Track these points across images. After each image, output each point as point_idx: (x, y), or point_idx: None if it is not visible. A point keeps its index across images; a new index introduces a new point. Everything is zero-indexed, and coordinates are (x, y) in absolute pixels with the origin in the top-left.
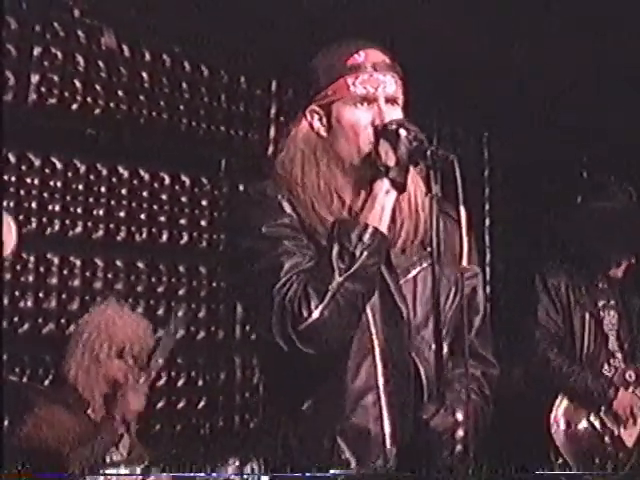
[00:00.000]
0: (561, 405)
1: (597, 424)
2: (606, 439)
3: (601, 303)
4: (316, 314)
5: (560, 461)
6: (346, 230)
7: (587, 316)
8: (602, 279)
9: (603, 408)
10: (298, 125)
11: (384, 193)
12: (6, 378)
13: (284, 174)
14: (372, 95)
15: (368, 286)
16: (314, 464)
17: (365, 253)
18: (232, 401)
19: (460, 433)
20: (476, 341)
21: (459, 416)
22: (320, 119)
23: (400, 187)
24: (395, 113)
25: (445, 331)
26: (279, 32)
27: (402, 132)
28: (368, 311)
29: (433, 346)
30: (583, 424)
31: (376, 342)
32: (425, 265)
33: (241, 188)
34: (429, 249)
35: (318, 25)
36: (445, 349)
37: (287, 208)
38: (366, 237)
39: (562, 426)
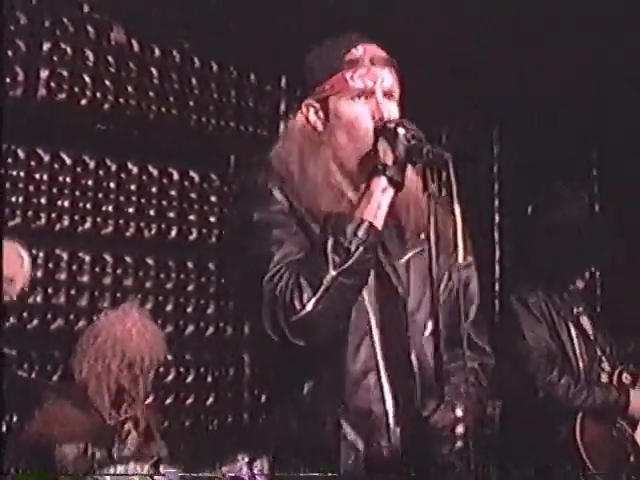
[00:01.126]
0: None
1: (615, 432)
2: (628, 447)
3: (575, 310)
4: (309, 307)
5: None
6: (341, 224)
7: (571, 326)
8: (570, 289)
9: (619, 417)
10: (294, 118)
11: (381, 191)
12: (15, 373)
13: (279, 166)
14: (370, 89)
15: (361, 280)
16: (318, 448)
17: (360, 248)
18: (241, 397)
19: (460, 429)
20: (472, 331)
21: (459, 412)
22: (316, 112)
23: (397, 185)
24: (392, 107)
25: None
26: (289, 27)
27: (400, 131)
28: (364, 292)
29: (426, 332)
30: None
31: (373, 322)
32: (418, 250)
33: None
34: (422, 236)
35: (327, 21)
36: (442, 338)
37: (278, 196)
38: (361, 232)
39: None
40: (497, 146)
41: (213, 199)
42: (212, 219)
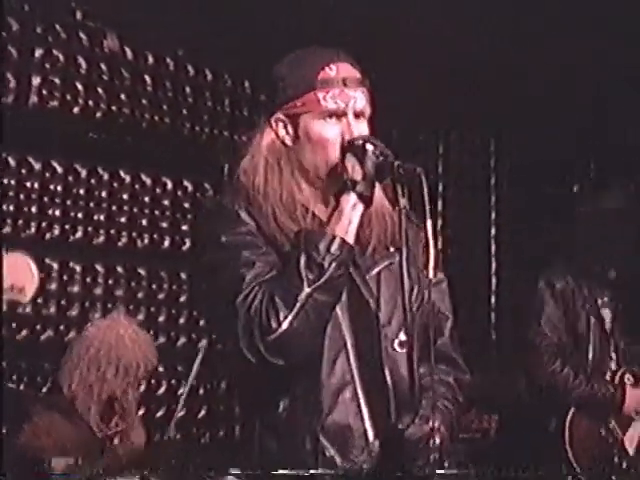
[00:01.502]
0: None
1: (603, 432)
2: (615, 448)
3: (600, 301)
4: (285, 325)
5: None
6: (313, 240)
7: (592, 319)
8: (600, 278)
9: (612, 415)
10: (262, 133)
11: (351, 207)
12: (4, 385)
13: (245, 181)
14: (342, 110)
15: (335, 297)
16: (297, 466)
17: (333, 264)
18: (233, 410)
19: (436, 441)
20: (448, 346)
21: (434, 424)
22: (285, 127)
23: (367, 201)
24: (362, 127)
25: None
26: (284, 36)
27: (369, 147)
28: (337, 307)
29: (397, 345)
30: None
31: (347, 336)
32: (387, 263)
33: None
34: (392, 249)
35: (322, 28)
36: (415, 352)
37: (245, 217)
38: (334, 248)
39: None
40: (494, 156)
41: None
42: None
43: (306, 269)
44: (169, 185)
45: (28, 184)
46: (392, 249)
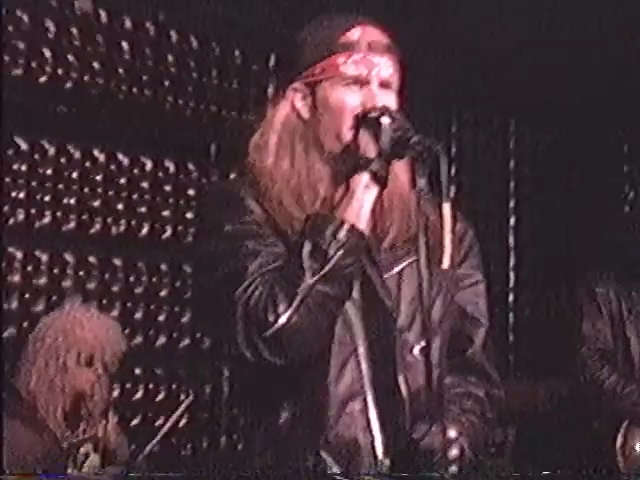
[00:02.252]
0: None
1: None
2: None
3: None
4: (283, 319)
5: None
6: (319, 226)
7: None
8: None
9: None
10: (277, 104)
11: (363, 188)
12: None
13: (255, 160)
14: (364, 77)
15: (342, 288)
16: None
17: (339, 252)
18: (218, 419)
19: (454, 452)
20: (479, 356)
21: (452, 433)
22: (304, 98)
23: (382, 182)
24: (388, 99)
25: (434, 339)
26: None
27: (384, 120)
28: (348, 307)
29: (416, 353)
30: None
31: (359, 340)
32: (411, 260)
33: (233, 176)
34: (412, 247)
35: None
36: (435, 360)
37: (251, 204)
38: (341, 234)
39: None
40: (512, 141)
41: (190, 192)
42: (189, 215)
43: (309, 258)
44: (148, 166)
45: None
46: (413, 246)
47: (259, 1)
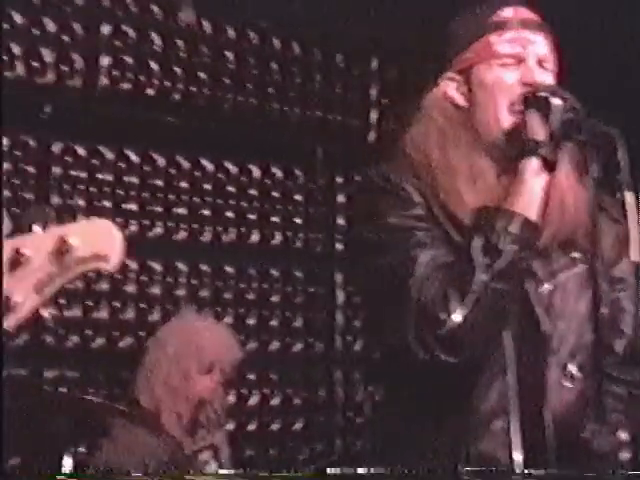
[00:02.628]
0: None
1: None
2: None
3: None
4: (458, 318)
5: None
6: (489, 220)
7: None
8: None
9: None
10: (431, 95)
11: (534, 174)
12: (80, 397)
13: (414, 154)
14: (520, 55)
15: (515, 285)
16: None
17: (514, 247)
18: (333, 421)
19: (626, 455)
20: (618, 368)
21: (623, 436)
22: (458, 87)
23: (552, 167)
24: (546, 77)
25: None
26: (379, 4)
27: (554, 101)
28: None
29: (566, 380)
30: None
31: (510, 359)
32: (575, 271)
33: (339, 180)
34: (575, 254)
35: None
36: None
37: (415, 196)
38: (514, 227)
39: None
40: None
41: (298, 198)
42: (297, 220)
43: (481, 253)
44: (256, 173)
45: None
46: (576, 254)
47: (360, 7)
